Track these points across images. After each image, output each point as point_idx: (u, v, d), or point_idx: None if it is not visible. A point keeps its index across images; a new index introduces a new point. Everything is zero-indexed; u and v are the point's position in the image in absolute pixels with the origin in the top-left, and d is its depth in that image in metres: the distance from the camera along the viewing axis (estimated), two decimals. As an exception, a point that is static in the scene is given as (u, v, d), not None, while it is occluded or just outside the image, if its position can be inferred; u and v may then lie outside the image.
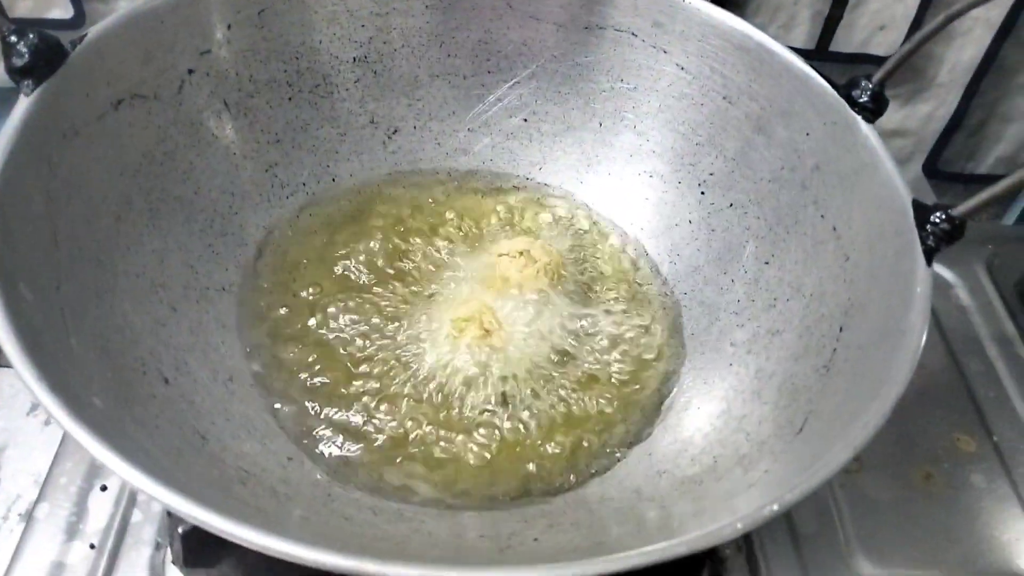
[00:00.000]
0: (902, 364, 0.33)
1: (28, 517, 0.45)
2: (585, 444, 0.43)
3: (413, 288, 0.48)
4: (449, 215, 0.53)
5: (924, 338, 0.34)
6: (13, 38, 0.37)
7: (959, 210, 0.37)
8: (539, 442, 0.42)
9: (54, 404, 0.28)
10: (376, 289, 0.48)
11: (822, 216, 0.44)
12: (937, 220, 0.38)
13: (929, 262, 0.37)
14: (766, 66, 0.47)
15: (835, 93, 0.44)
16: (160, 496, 0.27)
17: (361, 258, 0.49)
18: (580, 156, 0.55)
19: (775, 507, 0.29)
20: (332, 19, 0.50)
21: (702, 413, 0.43)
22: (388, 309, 0.47)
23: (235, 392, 0.42)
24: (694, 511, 0.36)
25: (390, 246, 0.50)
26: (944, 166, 0.72)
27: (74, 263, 0.37)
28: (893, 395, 0.32)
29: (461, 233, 0.51)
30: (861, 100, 0.43)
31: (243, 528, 0.27)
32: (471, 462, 0.41)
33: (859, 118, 0.43)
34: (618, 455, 0.42)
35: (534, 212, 0.53)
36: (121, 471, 0.27)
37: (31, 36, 0.37)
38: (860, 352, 0.38)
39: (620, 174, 0.54)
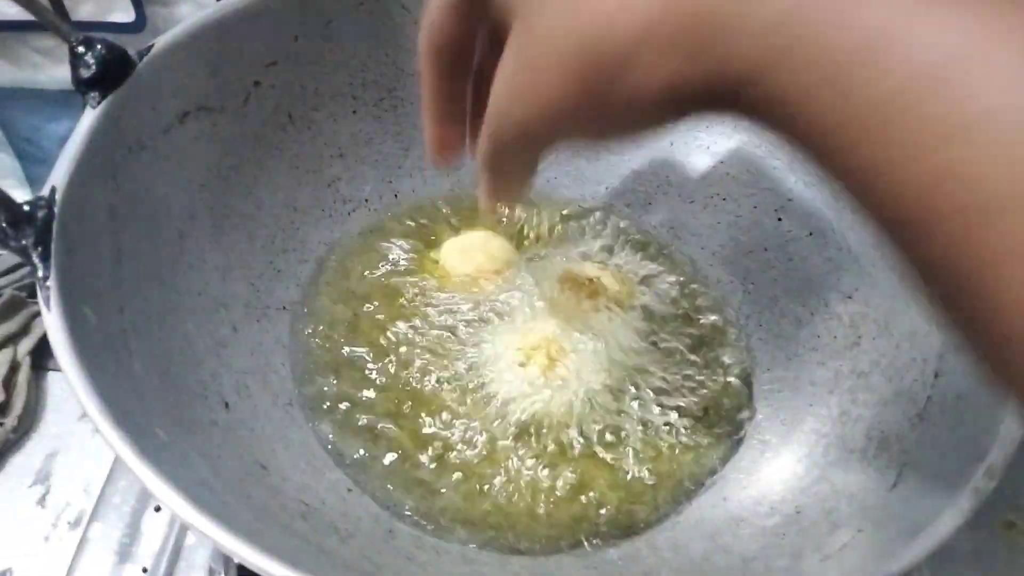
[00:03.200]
0: (1011, 422, 0.31)
1: (78, 527, 0.44)
2: (655, 484, 0.41)
3: (476, 311, 0.46)
4: (515, 236, 0.51)
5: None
6: (81, 48, 0.36)
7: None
8: (607, 480, 0.41)
9: (119, 440, 0.27)
10: (438, 311, 0.46)
11: (913, 250, 0.41)
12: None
13: (1036, 307, 0.35)
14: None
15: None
16: (233, 548, 0.26)
17: (422, 279, 0.48)
18: (650, 176, 0.53)
19: (884, 578, 0.27)
20: (399, 30, 0.49)
21: (781, 457, 0.41)
22: (449, 332, 0.45)
23: (295, 418, 0.41)
24: (783, 569, 0.34)
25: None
26: None
27: (137, 282, 0.36)
28: (1004, 456, 0.30)
29: (526, 255, 0.50)
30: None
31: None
32: (535, 502, 0.40)
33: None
34: (690, 497, 0.40)
35: (602, 236, 0.51)
36: (189, 517, 0.26)
37: (98, 47, 0.36)
38: (959, 403, 0.35)
39: (691, 196, 0.52)
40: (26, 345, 0.50)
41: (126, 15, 0.58)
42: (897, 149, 0.19)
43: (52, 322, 0.30)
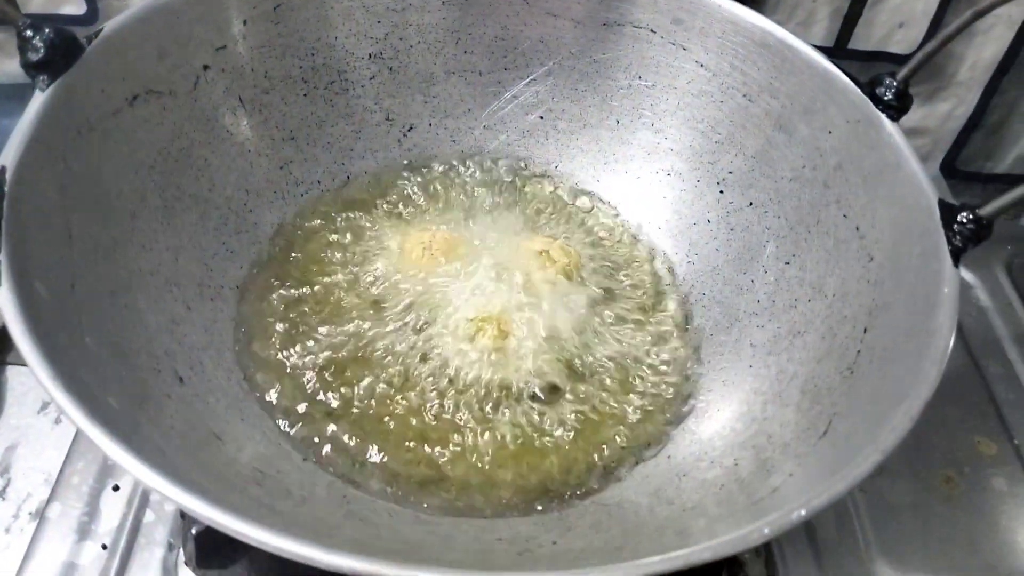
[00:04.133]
0: (930, 367, 0.33)
1: (40, 517, 0.44)
2: (603, 447, 0.42)
3: (428, 284, 0.47)
4: (465, 212, 0.52)
5: (952, 340, 0.34)
6: (29, 32, 0.37)
7: (986, 210, 0.37)
8: (556, 446, 0.42)
9: (69, 404, 0.28)
10: (390, 284, 0.47)
11: (844, 216, 0.43)
12: (964, 220, 0.37)
13: (956, 263, 0.36)
14: (788, 63, 0.46)
15: (859, 91, 0.43)
16: (176, 497, 0.26)
17: (373, 253, 0.49)
18: (597, 154, 0.54)
19: (802, 512, 0.28)
20: (348, 15, 0.50)
21: (722, 415, 0.43)
22: (402, 304, 0.46)
23: (250, 392, 0.41)
24: (717, 515, 0.35)
25: (406, 240, 0.50)
26: (962, 165, 0.71)
27: (89, 261, 0.37)
28: (921, 398, 0.32)
29: (478, 229, 0.51)
30: (886, 98, 0.42)
31: (258, 530, 0.26)
32: (487, 465, 0.41)
33: (883, 116, 0.42)
34: (637, 459, 0.42)
35: (552, 211, 0.53)
36: (137, 471, 0.27)
37: (47, 31, 0.37)
38: (885, 354, 0.37)
39: (637, 172, 0.54)
40: (-18, 337, 0.50)
41: (78, 7, 0.59)
42: None
43: (4, 295, 0.30)
